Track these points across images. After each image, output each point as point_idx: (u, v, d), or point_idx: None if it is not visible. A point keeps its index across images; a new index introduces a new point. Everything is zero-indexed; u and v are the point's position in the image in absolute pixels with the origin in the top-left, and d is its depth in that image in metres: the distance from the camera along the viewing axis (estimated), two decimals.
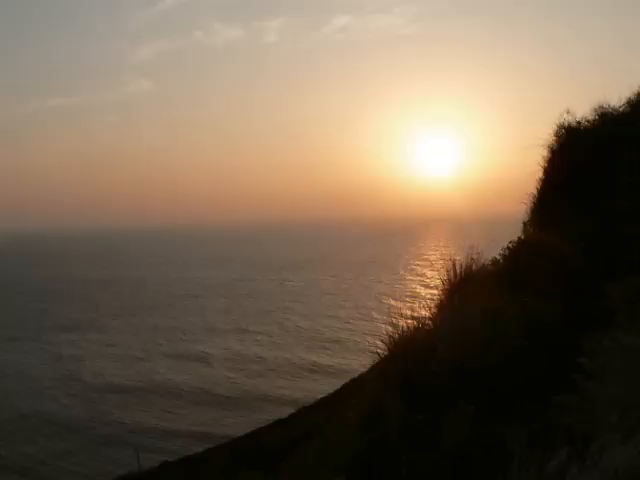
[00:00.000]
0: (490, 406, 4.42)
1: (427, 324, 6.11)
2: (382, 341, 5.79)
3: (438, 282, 7.56)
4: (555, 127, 10.30)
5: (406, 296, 62.73)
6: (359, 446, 4.97)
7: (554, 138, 10.29)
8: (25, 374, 40.58)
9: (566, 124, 10.26)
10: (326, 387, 27.62)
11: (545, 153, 10.32)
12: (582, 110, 10.32)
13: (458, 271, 6.99)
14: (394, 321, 5.97)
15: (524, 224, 9.78)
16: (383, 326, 6.84)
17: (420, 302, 10.98)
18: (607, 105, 10.14)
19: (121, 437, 28.64)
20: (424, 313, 6.49)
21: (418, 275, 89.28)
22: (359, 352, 38.64)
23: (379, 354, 5.81)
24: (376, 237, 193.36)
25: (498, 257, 8.04)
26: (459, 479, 4.16)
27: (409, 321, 6.16)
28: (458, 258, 7.28)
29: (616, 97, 10.12)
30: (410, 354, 5.29)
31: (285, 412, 22.17)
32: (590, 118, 10.22)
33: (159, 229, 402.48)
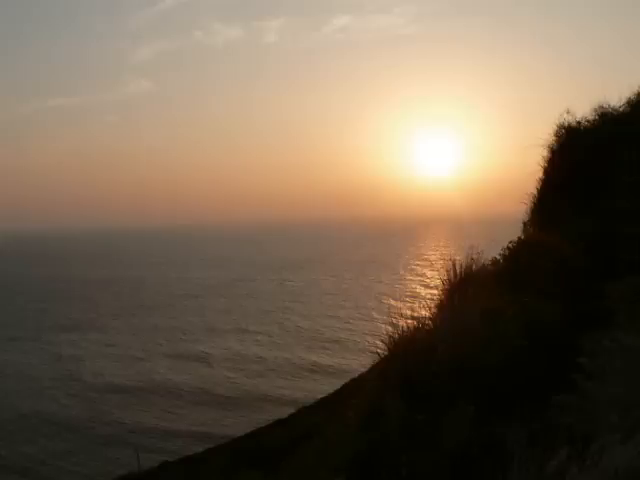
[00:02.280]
0: (490, 406, 4.42)
1: (427, 324, 6.11)
2: (382, 341, 5.79)
3: (438, 282, 7.56)
4: (555, 127, 10.30)
5: (406, 296, 62.74)
6: (359, 446, 4.97)
7: (554, 138, 10.28)
8: (25, 374, 40.59)
9: (566, 124, 10.25)
10: (326, 387, 27.63)
11: (545, 153, 10.32)
12: (582, 110, 10.33)
13: (458, 271, 6.99)
14: (394, 321, 5.96)
15: (524, 224, 9.78)
16: (383, 326, 6.83)
17: (420, 302, 10.98)
18: (607, 105, 10.14)
19: (121, 437, 28.65)
20: (424, 313, 6.49)
21: (418, 275, 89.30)
22: (359, 352, 38.66)
23: (379, 354, 5.80)
24: (376, 237, 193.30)
25: (498, 257, 8.03)
26: (459, 479, 4.16)
27: (409, 321, 6.16)
28: (458, 258, 7.27)
29: (616, 97, 10.12)
30: (410, 354, 5.29)
31: (285, 412, 22.18)
32: (590, 118, 10.22)
33: (159, 229, 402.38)
